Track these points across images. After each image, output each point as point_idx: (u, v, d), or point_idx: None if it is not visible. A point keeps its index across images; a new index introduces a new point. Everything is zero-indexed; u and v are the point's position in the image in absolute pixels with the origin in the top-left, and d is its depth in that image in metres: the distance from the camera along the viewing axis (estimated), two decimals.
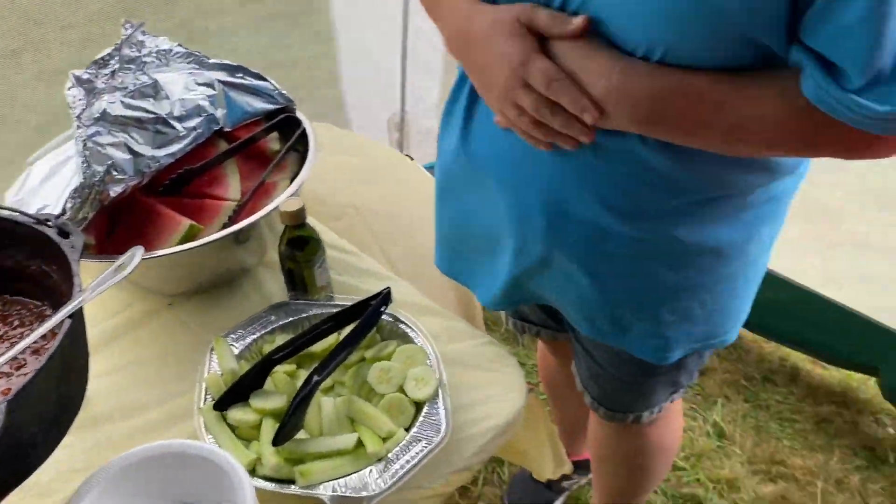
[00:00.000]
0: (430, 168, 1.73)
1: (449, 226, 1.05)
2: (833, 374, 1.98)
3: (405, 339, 0.98)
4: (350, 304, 0.97)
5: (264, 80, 1.18)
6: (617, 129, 0.73)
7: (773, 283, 1.82)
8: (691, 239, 0.84)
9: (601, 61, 0.68)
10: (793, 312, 1.87)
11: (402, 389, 0.91)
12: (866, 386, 1.93)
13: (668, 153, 0.75)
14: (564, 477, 1.70)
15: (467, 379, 0.98)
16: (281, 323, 1.01)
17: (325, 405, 0.89)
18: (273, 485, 0.82)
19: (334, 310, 0.98)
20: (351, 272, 1.16)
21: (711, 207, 0.82)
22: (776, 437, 1.82)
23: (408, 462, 0.83)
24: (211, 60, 1.16)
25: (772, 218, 0.89)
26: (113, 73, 1.07)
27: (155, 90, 1.06)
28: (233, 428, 0.88)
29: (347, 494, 0.80)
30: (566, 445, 1.70)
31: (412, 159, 2.33)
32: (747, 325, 2.01)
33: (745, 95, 0.67)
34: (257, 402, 0.89)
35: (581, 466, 1.70)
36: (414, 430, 0.87)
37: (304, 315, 1.02)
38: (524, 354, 2.06)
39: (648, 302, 0.91)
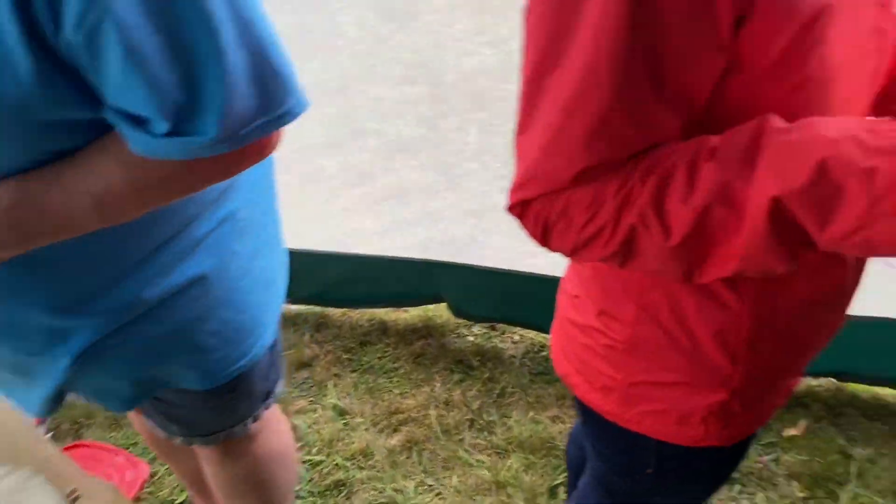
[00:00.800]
0: None
1: None
2: (413, 314, 2.20)
3: None
4: None
5: None
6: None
7: (335, 260, 1.96)
8: (158, 292, 0.82)
9: None
10: (357, 278, 2.03)
11: None
12: (441, 311, 2.18)
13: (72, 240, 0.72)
14: None
15: None
16: None
17: None
18: None
19: None
20: None
21: (157, 259, 0.81)
22: (387, 390, 1.97)
23: None
24: None
25: (239, 234, 0.89)
26: None
27: None
28: None
29: None
30: (202, 502, 1.64)
31: None
32: (328, 303, 2.14)
33: (87, 174, 0.65)
34: None
35: None
36: None
37: None
38: (133, 434, 1.91)
39: (157, 357, 0.88)
